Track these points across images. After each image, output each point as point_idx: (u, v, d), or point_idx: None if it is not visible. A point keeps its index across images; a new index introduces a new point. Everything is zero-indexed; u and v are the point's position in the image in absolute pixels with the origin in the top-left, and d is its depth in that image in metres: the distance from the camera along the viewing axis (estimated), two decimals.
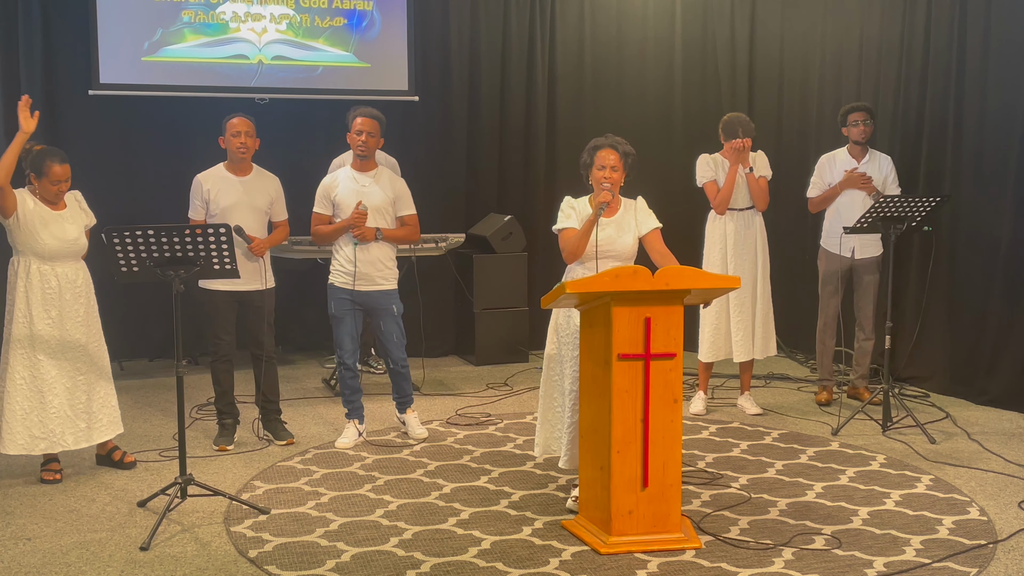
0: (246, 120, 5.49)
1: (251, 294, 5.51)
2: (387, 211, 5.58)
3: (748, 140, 6.03)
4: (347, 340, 5.57)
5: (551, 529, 4.38)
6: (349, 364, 5.61)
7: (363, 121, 5.52)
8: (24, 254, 4.86)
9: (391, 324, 5.61)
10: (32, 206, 4.84)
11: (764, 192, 6.16)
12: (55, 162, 4.83)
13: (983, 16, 6.42)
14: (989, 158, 6.42)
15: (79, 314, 4.95)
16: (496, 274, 7.72)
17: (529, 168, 8.17)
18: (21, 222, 4.81)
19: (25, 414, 4.85)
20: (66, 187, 4.91)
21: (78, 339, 4.94)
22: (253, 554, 4.12)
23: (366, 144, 5.52)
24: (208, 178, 5.48)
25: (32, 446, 4.87)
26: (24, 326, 4.84)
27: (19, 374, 4.84)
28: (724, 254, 6.13)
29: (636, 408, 4.13)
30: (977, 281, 6.49)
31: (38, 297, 4.84)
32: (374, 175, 5.60)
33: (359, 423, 5.69)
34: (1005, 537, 4.27)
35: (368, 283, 5.52)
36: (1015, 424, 6.01)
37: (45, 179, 4.83)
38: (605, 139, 4.73)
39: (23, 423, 4.85)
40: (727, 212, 6.13)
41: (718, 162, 6.16)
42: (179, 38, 7.30)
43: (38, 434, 4.87)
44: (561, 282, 4.18)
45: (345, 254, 5.52)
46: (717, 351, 6.18)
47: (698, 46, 8.31)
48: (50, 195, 4.87)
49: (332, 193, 5.54)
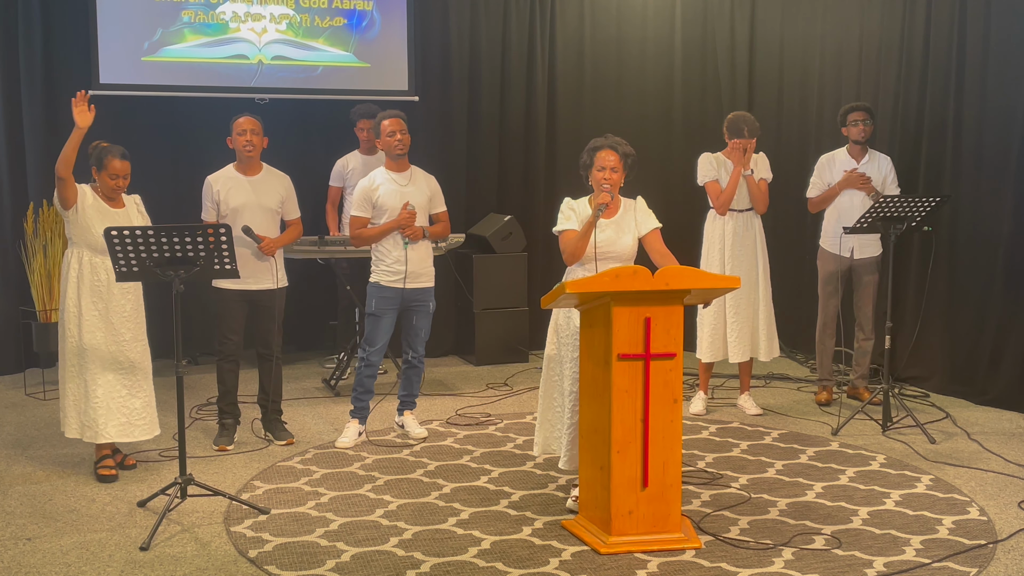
0: (253, 119, 5.49)
1: (262, 294, 5.51)
2: (426, 209, 5.64)
3: (752, 141, 6.03)
4: (380, 338, 5.58)
5: (551, 529, 4.38)
6: (373, 362, 5.61)
7: (392, 122, 5.54)
8: (78, 245, 4.97)
9: (424, 320, 5.67)
10: (91, 200, 4.97)
11: (764, 195, 6.16)
12: (115, 157, 4.95)
13: (983, 16, 6.42)
14: (989, 158, 6.42)
15: (126, 310, 5.02)
16: (496, 274, 7.72)
17: (529, 168, 8.17)
18: (79, 214, 4.93)
19: (76, 401, 5.00)
20: (124, 183, 5.02)
21: (123, 334, 5.01)
22: (253, 554, 4.12)
23: (402, 142, 5.55)
24: (218, 179, 5.49)
25: (82, 432, 5.00)
26: (74, 315, 4.95)
27: (70, 361, 4.98)
28: (722, 254, 6.13)
29: (636, 408, 4.13)
30: (977, 281, 6.49)
31: (88, 288, 4.95)
32: (410, 175, 5.63)
33: (361, 424, 5.69)
34: (1005, 537, 4.27)
35: (416, 280, 5.58)
36: (1015, 424, 6.01)
37: (104, 172, 4.95)
38: (605, 140, 4.73)
39: (75, 409, 5.01)
40: (727, 213, 6.12)
41: (720, 161, 6.15)
42: (179, 38, 7.30)
43: (85, 423, 4.99)
44: (561, 282, 4.18)
45: (393, 254, 5.51)
46: (715, 352, 6.18)
47: (698, 46, 8.31)
48: (108, 189, 4.98)
49: (374, 196, 5.53)
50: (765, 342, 6.20)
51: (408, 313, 5.65)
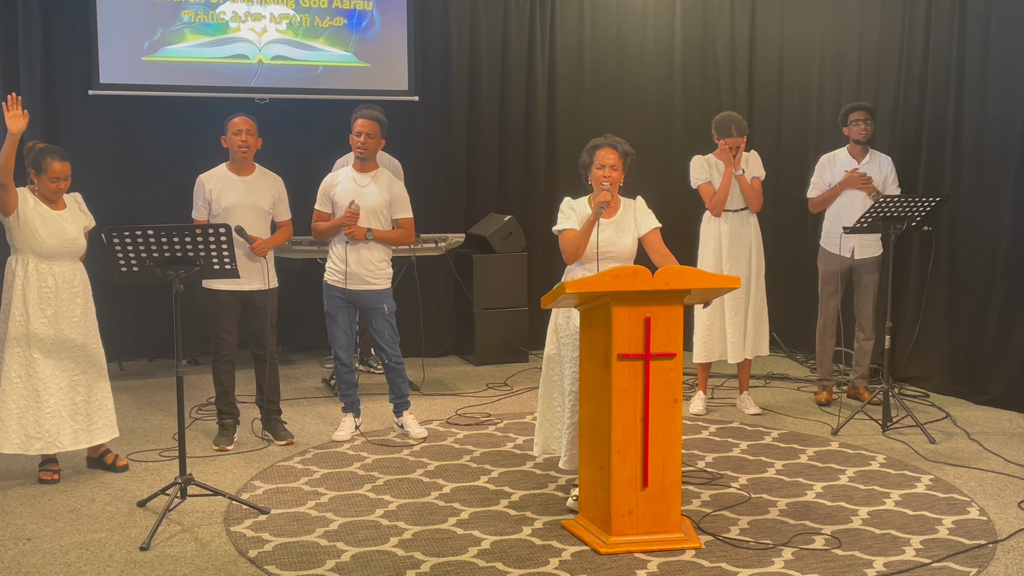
0: (247, 119, 5.49)
1: (254, 294, 5.51)
2: (382, 213, 5.61)
3: (741, 140, 6.03)
4: (340, 335, 5.65)
5: (551, 529, 4.38)
6: (343, 359, 5.68)
7: (362, 123, 5.54)
8: (22, 252, 4.86)
9: (382, 322, 5.66)
10: (32, 204, 4.85)
11: (757, 193, 6.16)
12: (55, 159, 4.84)
13: (983, 16, 6.42)
14: (989, 158, 6.42)
15: (75, 314, 4.94)
16: (496, 274, 7.72)
17: (529, 168, 8.17)
18: (21, 220, 4.82)
19: (21, 413, 4.83)
20: (65, 185, 4.91)
21: (74, 339, 4.93)
22: (253, 554, 4.12)
23: (365, 146, 5.55)
24: (210, 178, 5.49)
25: (28, 445, 4.85)
26: (20, 324, 4.83)
27: (15, 372, 4.83)
28: (719, 255, 6.13)
29: (636, 408, 4.13)
30: (977, 281, 6.49)
31: (35, 295, 4.84)
32: (373, 176, 5.63)
33: (355, 416, 5.74)
34: (1005, 537, 4.27)
35: (358, 282, 5.58)
36: (1015, 424, 6.01)
37: (44, 176, 4.84)
38: (604, 139, 4.73)
39: (19, 422, 4.83)
40: (722, 213, 6.13)
41: (712, 163, 6.16)
42: (179, 38, 7.30)
43: (33, 434, 4.85)
44: (561, 282, 4.18)
45: (337, 252, 5.58)
46: (710, 352, 6.18)
47: (698, 47, 8.31)
48: (49, 192, 4.87)
49: (331, 191, 5.61)
50: (752, 340, 6.20)
51: (366, 316, 5.71)
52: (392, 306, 5.69)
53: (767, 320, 6.31)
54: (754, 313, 6.20)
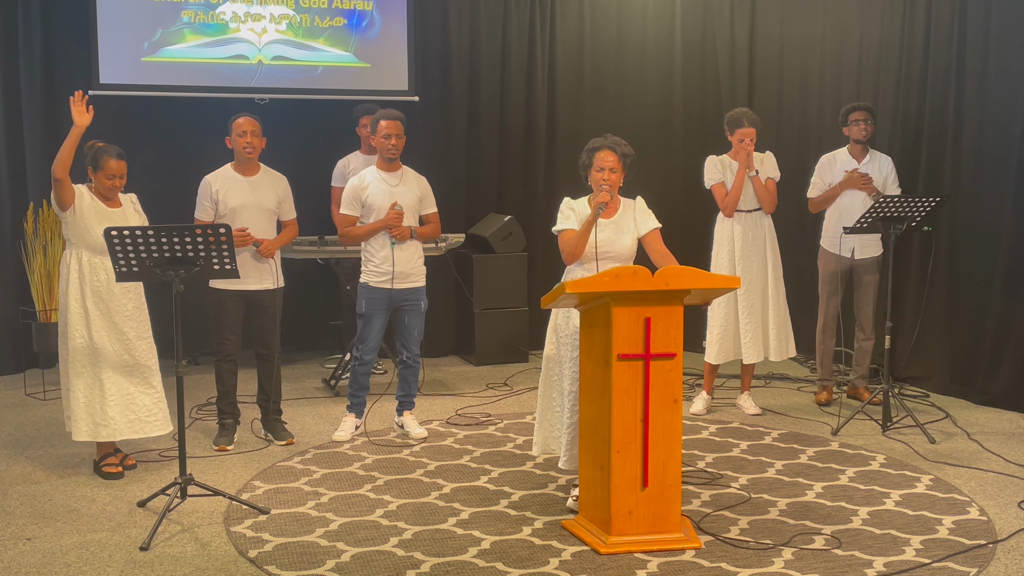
0: (252, 120, 5.49)
1: (260, 294, 5.51)
2: (415, 210, 5.66)
3: (752, 130, 6.01)
4: (372, 337, 5.64)
5: (551, 529, 4.38)
6: (367, 360, 5.69)
7: (389, 124, 5.56)
8: (77, 246, 4.96)
9: (416, 319, 5.68)
10: (88, 200, 4.95)
11: (771, 194, 6.15)
12: (111, 156, 4.94)
13: (983, 16, 6.42)
14: (989, 158, 6.42)
15: (127, 309, 5.01)
16: (496, 274, 7.72)
17: (529, 168, 8.17)
18: (77, 215, 4.92)
19: (88, 402, 4.95)
20: (121, 183, 5.01)
21: (127, 333, 5.01)
22: (253, 554, 4.12)
23: (395, 147, 5.58)
24: (216, 179, 5.49)
25: (96, 432, 4.97)
26: (79, 315, 4.93)
27: (79, 362, 4.95)
28: (732, 256, 6.11)
29: (636, 408, 4.13)
30: (977, 281, 6.49)
31: (89, 289, 4.95)
32: (400, 175, 5.65)
33: (358, 418, 5.75)
34: (1005, 537, 4.27)
35: (404, 281, 5.61)
36: (1015, 424, 6.01)
37: (101, 172, 4.94)
38: (603, 140, 4.72)
39: (87, 410, 4.95)
40: (735, 214, 6.11)
41: (726, 164, 6.14)
42: (179, 38, 7.30)
43: (100, 421, 4.96)
44: (561, 282, 4.18)
45: (383, 255, 5.55)
46: (725, 353, 6.16)
47: (698, 46, 8.31)
48: (104, 189, 4.97)
49: (363, 195, 5.57)
50: (775, 342, 6.18)
51: (400, 313, 5.68)
52: (426, 304, 5.75)
53: (790, 321, 6.28)
54: (778, 315, 6.16)
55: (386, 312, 5.65)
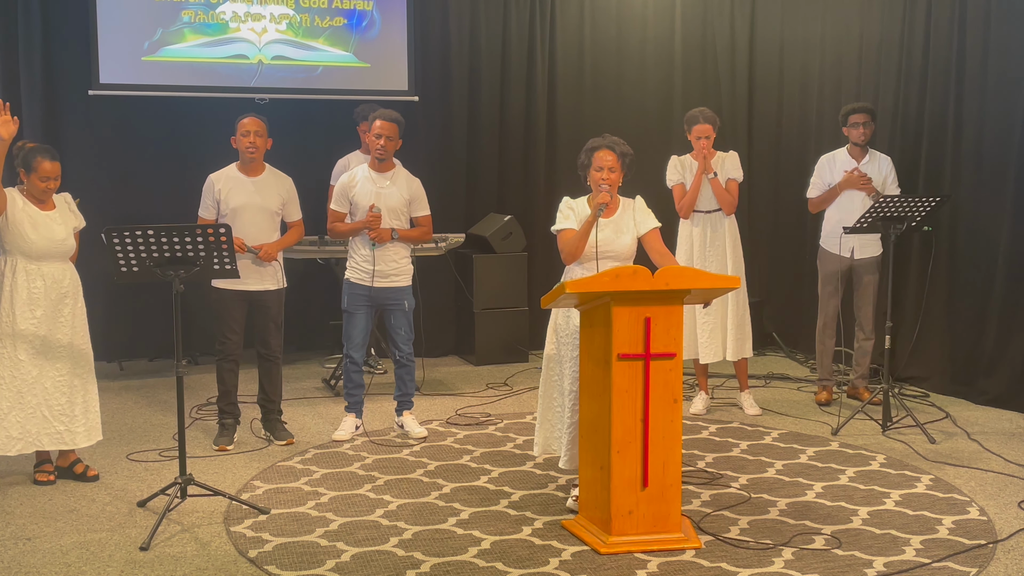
0: (257, 120, 5.48)
1: (262, 294, 5.51)
2: (403, 211, 5.66)
3: (707, 127, 5.98)
4: (356, 334, 5.67)
5: (551, 529, 4.38)
6: (355, 358, 5.70)
7: (382, 125, 5.57)
8: (11, 253, 4.82)
9: (401, 319, 5.69)
10: (21, 205, 4.81)
11: (731, 196, 6.10)
12: (45, 158, 4.80)
13: (983, 16, 6.42)
14: (989, 158, 6.42)
15: (64, 315, 4.89)
16: (496, 274, 7.72)
17: (529, 168, 8.17)
18: (9, 221, 4.77)
19: (3, 415, 4.79)
20: (55, 185, 4.86)
21: (62, 340, 4.88)
22: (253, 554, 4.12)
23: (384, 148, 5.58)
24: (220, 178, 5.49)
25: (8, 447, 4.80)
26: (7, 324, 4.79)
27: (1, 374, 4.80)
28: (691, 257, 6.12)
29: (636, 408, 4.13)
30: (977, 281, 6.49)
31: (23, 296, 4.80)
32: (391, 176, 5.66)
33: (357, 417, 5.76)
34: (1005, 537, 4.27)
35: (384, 279, 5.62)
36: (1015, 424, 6.01)
37: (34, 175, 4.79)
38: (602, 140, 4.72)
39: (1, 423, 4.79)
40: (693, 215, 6.12)
41: (686, 164, 6.17)
42: (179, 38, 7.30)
43: (15, 434, 4.81)
44: (561, 282, 4.18)
45: (362, 252, 5.60)
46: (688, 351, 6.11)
47: (698, 47, 8.31)
48: (38, 192, 4.83)
49: (350, 192, 5.62)
50: (733, 342, 6.17)
51: (385, 313, 5.73)
52: (412, 303, 5.74)
53: (750, 322, 6.28)
54: (736, 315, 6.16)
55: (369, 309, 5.67)
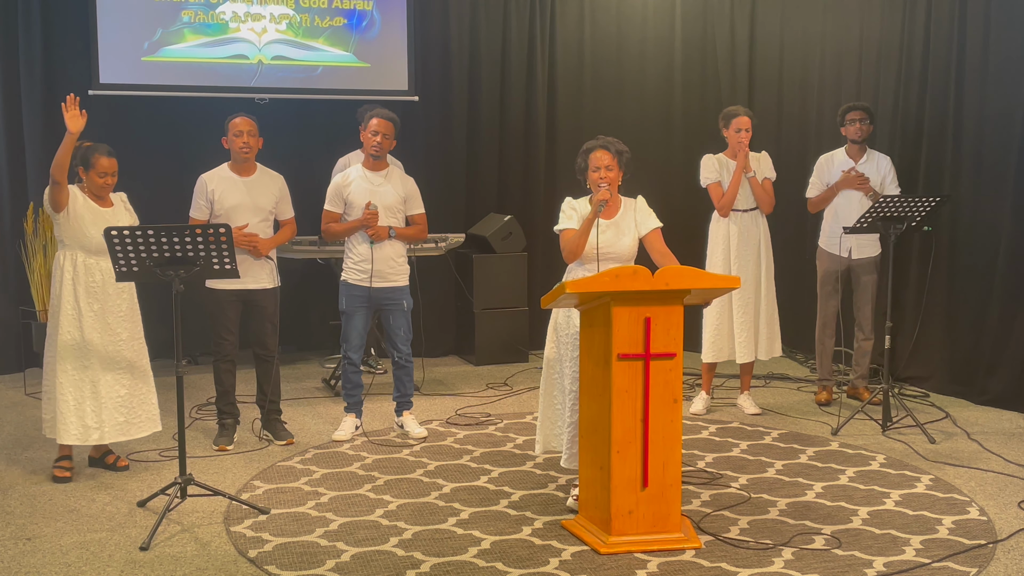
0: (248, 120, 5.49)
1: (256, 293, 5.51)
2: (399, 209, 5.67)
3: (748, 120, 6.00)
4: (354, 335, 5.66)
5: (551, 529, 4.38)
6: (353, 359, 5.70)
7: (379, 123, 5.59)
8: (71, 248, 4.94)
9: (400, 319, 5.69)
10: (82, 201, 4.95)
11: (769, 195, 6.15)
12: (102, 155, 4.95)
13: (983, 17, 6.42)
14: (989, 158, 6.41)
15: (121, 309, 5.01)
16: (496, 274, 7.72)
17: (529, 168, 8.17)
18: (71, 216, 4.91)
19: (78, 404, 4.91)
20: (112, 181, 5.00)
21: (120, 333, 5.00)
22: (253, 554, 4.12)
23: (380, 145, 5.59)
24: (212, 178, 5.49)
25: (86, 436, 4.93)
26: (72, 317, 4.91)
27: (70, 364, 4.90)
28: (727, 255, 6.12)
29: (636, 408, 4.13)
30: (977, 281, 6.49)
31: (83, 289, 4.92)
32: (386, 174, 5.67)
33: (357, 417, 5.76)
34: (1005, 537, 4.27)
35: (383, 280, 5.62)
36: (1015, 424, 6.01)
37: (92, 171, 4.94)
38: (596, 141, 4.74)
39: (76, 413, 4.91)
40: (731, 213, 6.11)
41: (723, 162, 6.14)
42: (179, 38, 7.30)
43: (91, 424, 4.94)
44: (561, 282, 4.18)
45: (360, 253, 5.59)
46: (719, 352, 6.17)
47: (698, 46, 8.31)
48: (96, 188, 4.96)
49: (344, 191, 5.62)
50: (765, 341, 6.20)
51: (384, 313, 5.73)
52: (410, 303, 5.74)
53: (778, 321, 6.30)
54: (766, 314, 6.18)
55: (368, 310, 5.67)
